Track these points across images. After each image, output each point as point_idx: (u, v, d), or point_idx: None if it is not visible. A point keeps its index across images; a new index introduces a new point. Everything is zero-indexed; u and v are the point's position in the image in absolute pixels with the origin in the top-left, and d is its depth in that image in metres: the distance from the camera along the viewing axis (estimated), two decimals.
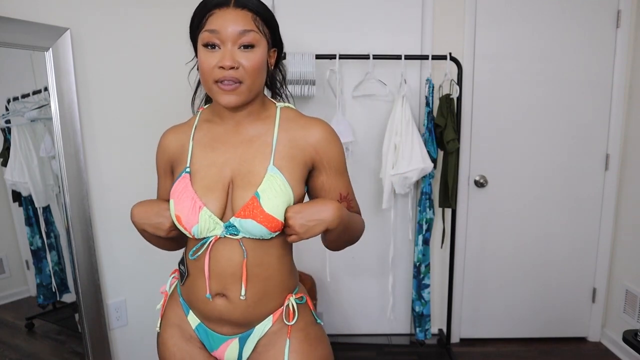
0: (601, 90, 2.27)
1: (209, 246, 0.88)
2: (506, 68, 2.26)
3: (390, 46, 2.18)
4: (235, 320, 0.92)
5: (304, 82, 2.03)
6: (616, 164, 2.31)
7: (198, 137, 0.95)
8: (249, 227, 0.85)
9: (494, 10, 2.22)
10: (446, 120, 2.05)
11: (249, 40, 0.83)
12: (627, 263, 2.29)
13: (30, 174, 1.53)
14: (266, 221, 0.84)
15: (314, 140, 0.91)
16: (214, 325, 0.94)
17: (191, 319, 0.97)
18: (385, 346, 2.45)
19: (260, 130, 0.92)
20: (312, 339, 0.96)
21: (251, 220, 0.84)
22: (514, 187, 2.36)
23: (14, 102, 1.48)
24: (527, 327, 2.48)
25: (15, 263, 1.55)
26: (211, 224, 0.86)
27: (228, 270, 0.88)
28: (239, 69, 0.83)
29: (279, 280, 0.93)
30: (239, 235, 0.87)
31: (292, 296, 0.95)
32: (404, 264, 2.40)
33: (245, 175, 0.88)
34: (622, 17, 2.20)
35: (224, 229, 0.87)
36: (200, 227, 0.86)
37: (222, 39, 0.83)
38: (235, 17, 0.82)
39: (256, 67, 0.85)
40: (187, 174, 0.90)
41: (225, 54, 0.83)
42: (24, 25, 1.40)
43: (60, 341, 1.66)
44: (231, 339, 0.94)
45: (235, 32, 0.82)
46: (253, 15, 0.84)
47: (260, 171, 0.87)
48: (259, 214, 0.84)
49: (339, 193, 0.96)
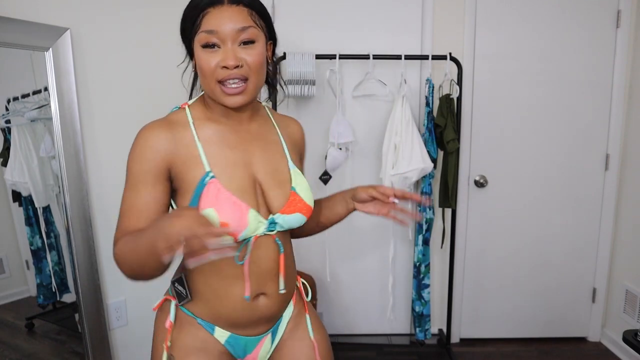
0: (601, 90, 2.27)
1: (252, 246, 0.86)
2: (506, 68, 2.26)
3: (390, 46, 2.18)
4: (273, 315, 0.94)
5: (304, 82, 2.02)
6: (616, 164, 2.31)
7: (205, 137, 0.88)
8: (293, 221, 0.90)
9: (494, 10, 2.22)
10: (446, 120, 2.05)
11: (249, 36, 0.82)
12: (627, 263, 2.29)
13: (30, 174, 1.53)
14: (306, 211, 0.92)
15: (299, 136, 1.04)
16: (250, 329, 0.92)
17: (219, 335, 0.92)
18: (385, 346, 2.45)
19: (264, 127, 0.96)
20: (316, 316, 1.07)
21: (298, 214, 0.90)
22: (514, 187, 2.36)
23: (14, 102, 1.48)
24: (527, 327, 2.48)
25: (15, 263, 1.55)
26: (257, 224, 0.85)
27: (266, 268, 0.89)
28: (243, 67, 0.82)
29: (294, 265, 1.00)
30: (274, 231, 0.89)
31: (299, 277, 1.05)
32: (404, 264, 2.40)
33: (273, 174, 0.91)
34: (622, 17, 2.19)
35: (267, 226, 0.87)
36: (250, 229, 0.84)
37: (221, 38, 0.81)
38: (232, 14, 0.81)
39: (259, 62, 0.84)
40: (214, 179, 0.83)
41: (227, 53, 0.81)
42: (24, 25, 1.40)
43: (60, 341, 1.66)
44: (265, 335, 0.96)
45: (234, 29, 0.81)
46: (249, 10, 0.83)
47: (283, 169, 0.93)
48: (303, 207, 0.91)
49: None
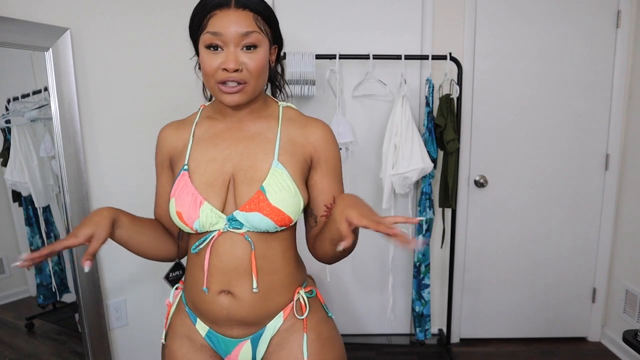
0: (601, 90, 2.27)
1: (212, 240, 0.87)
2: (506, 68, 2.26)
3: (390, 46, 2.18)
4: (243, 319, 0.90)
5: (304, 82, 2.02)
6: (616, 164, 2.31)
7: (199, 134, 0.95)
8: (254, 221, 0.85)
9: (494, 10, 2.22)
10: (446, 120, 2.05)
11: (252, 41, 0.84)
12: (627, 263, 2.29)
13: (30, 174, 1.53)
14: (273, 214, 0.85)
15: (314, 138, 0.93)
16: (224, 328, 0.93)
17: (200, 327, 0.95)
18: (385, 346, 2.45)
19: (262, 127, 0.93)
20: (324, 339, 0.95)
21: (257, 214, 0.84)
22: (514, 187, 2.36)
23: (14, 102, 1.48)
24: (527, 327, 2.48)
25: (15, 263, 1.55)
26: (213, 218, 0.86)
27: (230, 265, 0.87)
28: (242, 71, 0.84)
29: (285, 274, 0.92)
30: (242, 229, 0.87)
31: (302, 289, 0.95)
32: (404, 264, 2.40)
33: (247, 171, 0.88)
34: (622, 17, 2.20)
35: (227, 223, 0.86)
36: (201, 221, 0.86)
37: (224, 40, 0.83)
38: (237, 18, 0.82)
39: (259, 67, 0.85)
40: (185, 172, 0.91)
41: (228, 56, 0.83)
42: (24, 25, 1.40)
43: (60, 341, 1.66)
44: (243, 341, 0.93)
45: (237, 33, 0.82)
46: (254, 15, 0.84)
47: (263, 166, 0.88)
48: (265, 207, 0.84)
49: (333, 196, 0.95)
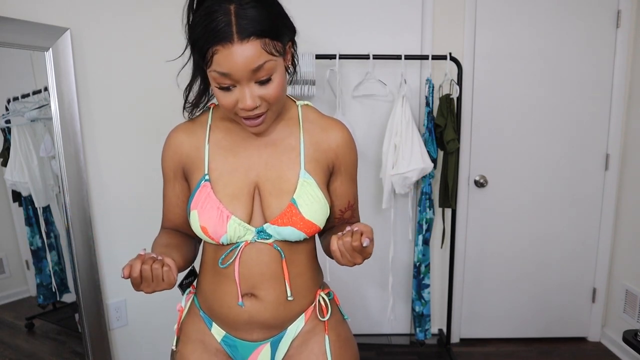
0: (601, 90, 2.27)
1: (240, 252, 0.85)
2: (506, 68, 2.26)
3: (390, 46, 2.18)
4: (266, 322, 0.88)
5: (304, 82, 2.02)
6: (616, 164, 2.31)
7: (215, 140, 0.89)
8: (286, 234, 0.84)
9: (494, 10, 2.22)
10: (446, 120, 2.05)
11: (266, 73, 0.77)
12: (627, 263, 2.29)
13: (30, 174, 1.53)
14: (306, 227, 0.84)
15: (335, 144, 0.90)
16: (243, 332, 0.90)
17: (215, 332, 0.92)
18: (385, 346, 2.45)
19: (284, 133, 0.89)
20: (343, 339, 0.95)
21: (291, 228, 0.83)
22: (514, 187, 2.36)
23: (14, 102, 1.48)
24: (527, 327, 2.48)
25: (15, 263, 1.55)
26: (241, 231, 0.84)
27: (256, 271, 0.86)
28: (262, 104, 0.79)
29: (308, 277, 0.92)
30: (270, 240, 0.85)
31: (322, 291, 0.95)
32: (404, 264, 2.40)
33: (275, 182, 0.86)
34: (622, 17, 2.20)
35: (255, 234, 0.84)
36: (229, 235, 0.84)
37: (235, 79, 0.76)
38: (244, 54, 0.73)
39: (278, 95, 0.80)
40: (207, 183, 0.85)
41: (244, 96, 0.77)
42: (24, 25, 1.40)
43: (60, 341, 1.66)
44: (262, 344, 0.91)
45: (248, 71, 0.75)
46: (262, 41, 0.74)
47: (290, 177, 0.85)
48: (299, 221, 0.83)
49: (348, 201, 0.95)
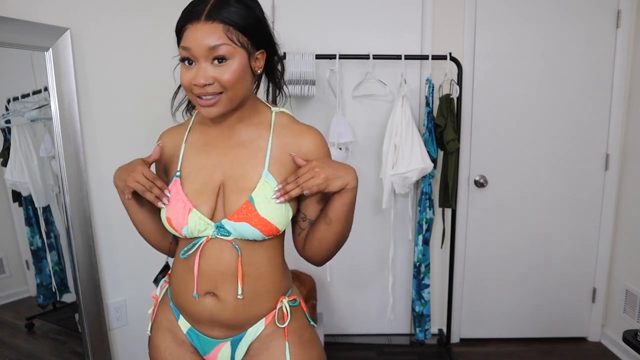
0: (601, 90, 2.27)
1: (201, 246, 0.89)
2: (506, 68, 2.26)
3: (390, 46, 2.18)
4: (225, 321, 0.91)
5: (304, 82, 2.03)
6: (616, 164, 2.31)
7: (191, 140, 0.97)
8: (242, 230, 0.87)
9: (494, 10, 2.22)
10: (446, 120, 2.05)
11: (221, 54, 0.81)
12: (627, 263, 2.29)
13: (30, 174, 1.53)
14: (261, 225, 0.86)
15: (307, 149, 0.92)
16: (205, 328, 0.94)
17: (182, 324, 0.97)
18: (385, 346, 2.45)
19: (254, 135, 0.93)
20: (306, 341, 0.97)
21: (245, 224, 0.86)
22: (514, 187, 2.36)
23: (14, 102, 1.48)
24: (527, 327, 2.48)
25: (15, 263, 1.55)
26: (202, 225, 0.88)
27: (218, 269, 0.89)
28: (214, 84, 0.83)
29: (270, 281, 0.93)
30: (230, 237, 0.88)
31: (285, 298, 0.95)
32: (404, 264, 2.40)
33: (237, 179, 0.89)
34: (622, 17, 2.19)
35: (215, 230, 0.88)
36: (189, 228, 0.88)
37: (194, 55, 0.82)
38: (206, 32, 0.80)
39: (232, 79, 0.83)
40: (177, 179, 0.92)
41: (198, 72, 0.82)
42: (24, 25, 1.40)
43: (60, 341, 1.66)
44: (223, 342, 0.94)
45: (205, 48, 0.81)
46: (225, 27, 0.81)
47: (253, 176, 0.89)
48: (254, 218, 0.86)
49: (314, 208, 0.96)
